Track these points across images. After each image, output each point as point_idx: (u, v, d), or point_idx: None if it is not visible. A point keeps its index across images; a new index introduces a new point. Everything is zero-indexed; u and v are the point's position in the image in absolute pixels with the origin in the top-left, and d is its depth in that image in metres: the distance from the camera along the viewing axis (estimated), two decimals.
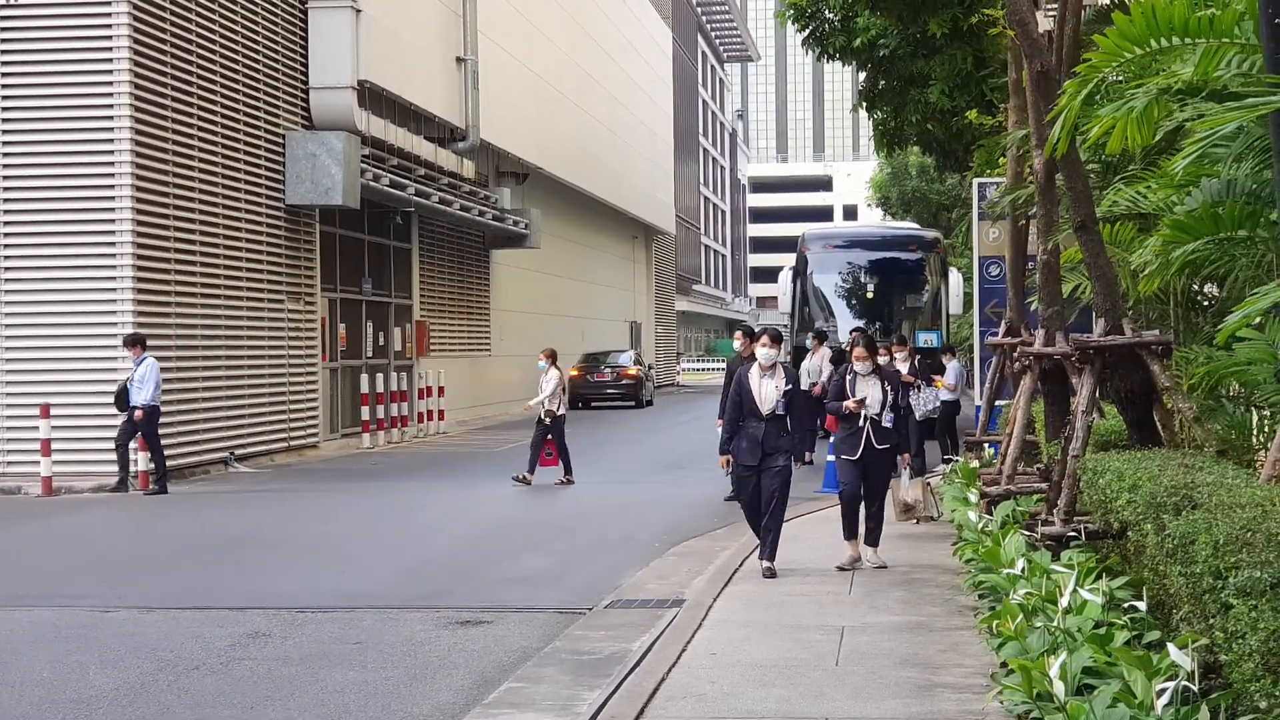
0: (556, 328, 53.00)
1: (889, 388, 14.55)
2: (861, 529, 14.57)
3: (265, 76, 29.33)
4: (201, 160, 26.61)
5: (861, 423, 14.43)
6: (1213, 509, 7.76)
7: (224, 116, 27.54)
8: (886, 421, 14.43)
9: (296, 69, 30.89)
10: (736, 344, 19.48)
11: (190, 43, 26.36)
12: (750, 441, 14.00)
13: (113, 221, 24.26)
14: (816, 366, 25.83)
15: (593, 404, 50.01)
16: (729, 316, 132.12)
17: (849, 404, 14.44)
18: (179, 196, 25.72)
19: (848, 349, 14.92)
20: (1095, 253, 11.90)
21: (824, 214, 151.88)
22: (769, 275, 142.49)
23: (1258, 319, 10.96)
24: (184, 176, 25.92)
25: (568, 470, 23.71)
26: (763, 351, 14.19)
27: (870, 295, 35.57)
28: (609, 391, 51.09)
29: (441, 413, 38.01)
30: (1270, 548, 6.70)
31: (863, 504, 14.52)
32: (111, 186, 24.28)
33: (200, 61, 26.73)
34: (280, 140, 29.91)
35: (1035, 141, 14.38)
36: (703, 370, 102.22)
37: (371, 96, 32.96)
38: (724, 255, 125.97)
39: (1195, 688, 6.81)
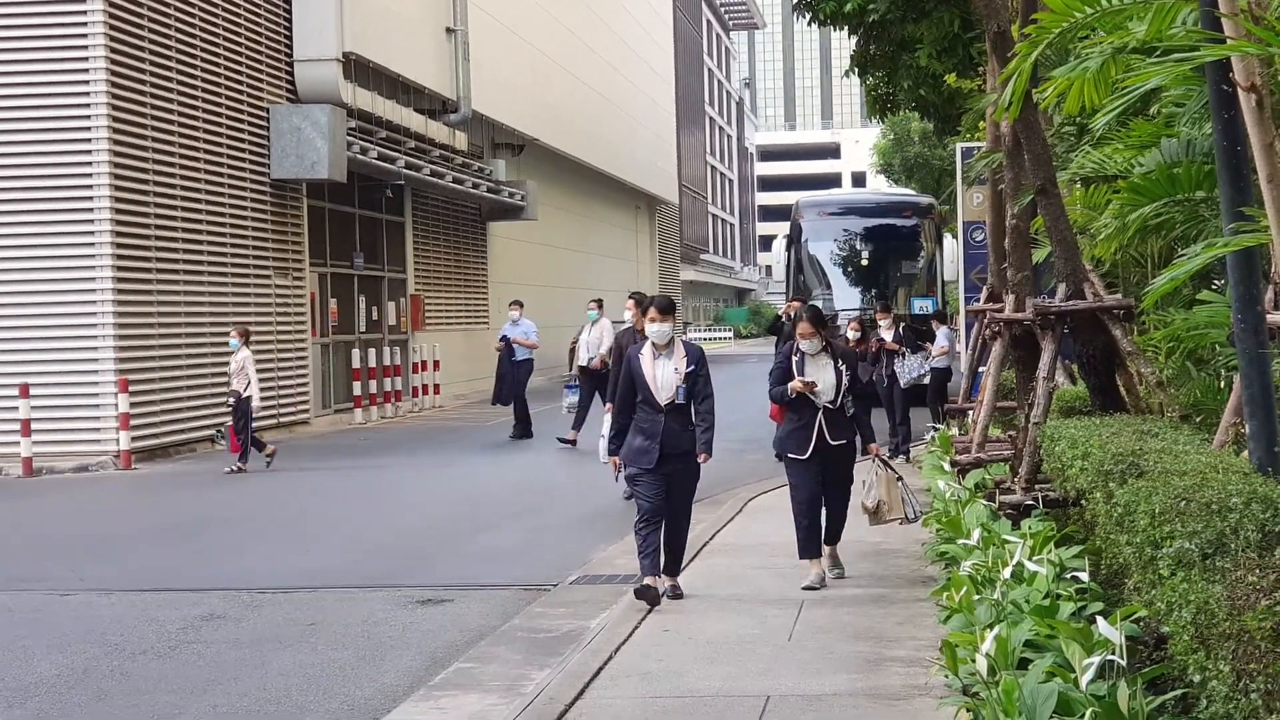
0: (557, 299, 52.77)
1: (844, 368, 11.88)
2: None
3: (248, 49, 29.10)
4: (182, 135, 26.38)
5: (814, 412, 11.80)
6: (1155, 477, 7.59)
7: (205, 90, 27.31)
8: (852, 408, 11.91)
9: (280, 41, 30.65)
10: (628, 313, 17.32)
11: (169, 15, 26.11)
12: (647, 439, 11.34)
13: (90, 199, 24.02)
14: (596, 339, 24.17)
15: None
16: (738, 286, 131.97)
17: (795, 384, 11.72)
18: (159, 173, 25.51)
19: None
20: (1056, 216, 11.69)
21: (832, 181, 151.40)
22: None
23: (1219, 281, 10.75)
24: (164, 152, 25.70)
25: (243, 457, 22.42)
26: (654, 328, 11.53)
27: (865, 262, 35.32)
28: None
29: (437, 387, 37.86)
30: (1202, 517, 6.52)
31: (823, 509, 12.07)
32: (89, 165, 24.03)
33: (179, 34, 26.48)
34: (264, 114, 29.68)
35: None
36: (710, 340, 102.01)
37: (358, 68, 32.70)
38: (732, 224, 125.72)
39: (1123, 661, 6.63)
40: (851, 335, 21.77)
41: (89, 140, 24.04)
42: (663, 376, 11.38)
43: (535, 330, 27.61)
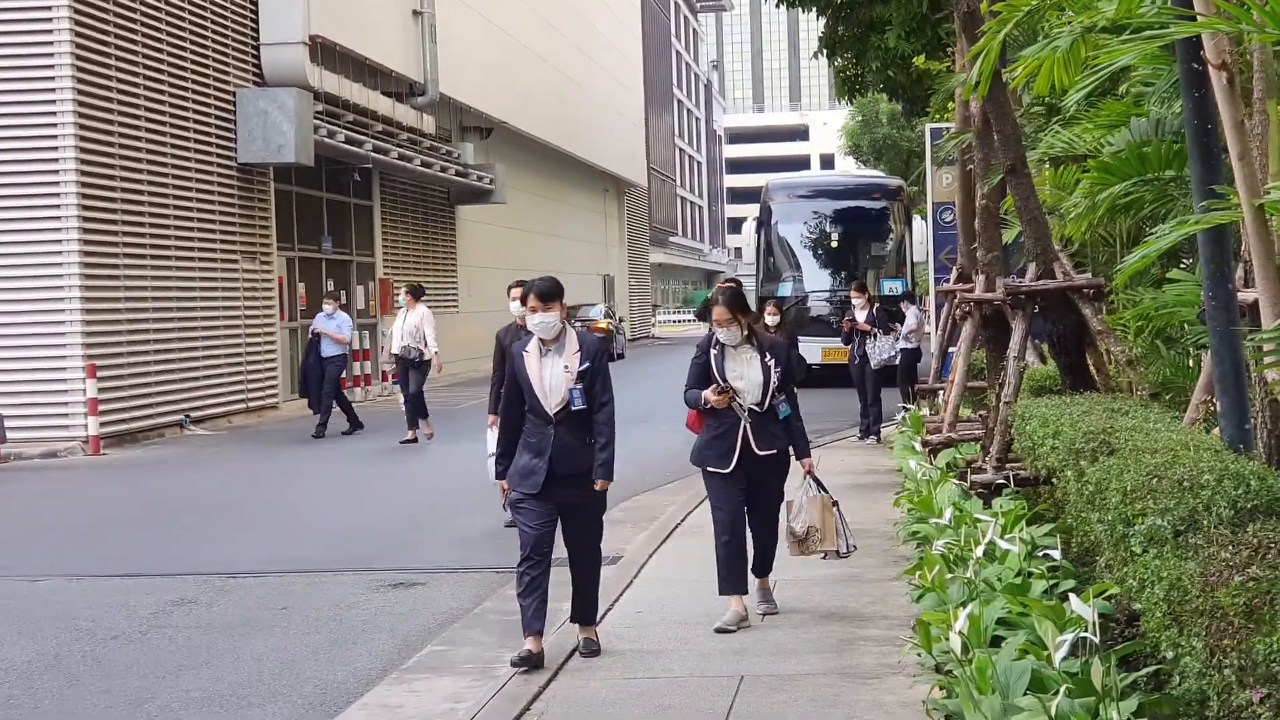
0: None
1: (773, 363, 9.87)
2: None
3: (214, 33, 28.97)
4: (149, 120, 26.25)
5: (737, 416, 9.87)
6: (1126, 455, 7.61)
7: (171, 75, 27.17)
8: (782, 410, 9.90)
9: (247, 25, 30.52)
10: (514, 305, 13.23)
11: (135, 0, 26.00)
12: (535, 456, 9.06)
13: (57, 185, 23.91)
14: (412, 326, 23.07)
15: None
16: (707, 268, 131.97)
17: (709, 394, 9.81)
18: (125, 158, 25.39)
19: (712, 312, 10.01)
20: (1026, 196, 11.73)
21: (801, 163, 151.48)
22: None
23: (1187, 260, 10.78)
24: (130, 137, 25.58)
25: None
26: (536, 320, 9.14)
27: (835, 244, 35.61)
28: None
29: None
30: (1174, 494, 6.55)
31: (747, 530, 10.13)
32: (55, 150, 23.91)
33: (145, 18, 26.34)
34: (230, 98, 29.56)
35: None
36: (679, 322, 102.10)
37: (325, 52, 32.60)
38: (701, 207, 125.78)
39: (1096, 639, 6.65)
40: (769, 320, 20.80)
41: (54, 126, 23.92)
42: (551, 377, 9.08)
43: (350, 325, 25.97)
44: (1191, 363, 11.60)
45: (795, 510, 10.20)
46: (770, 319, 19.98)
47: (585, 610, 9.47)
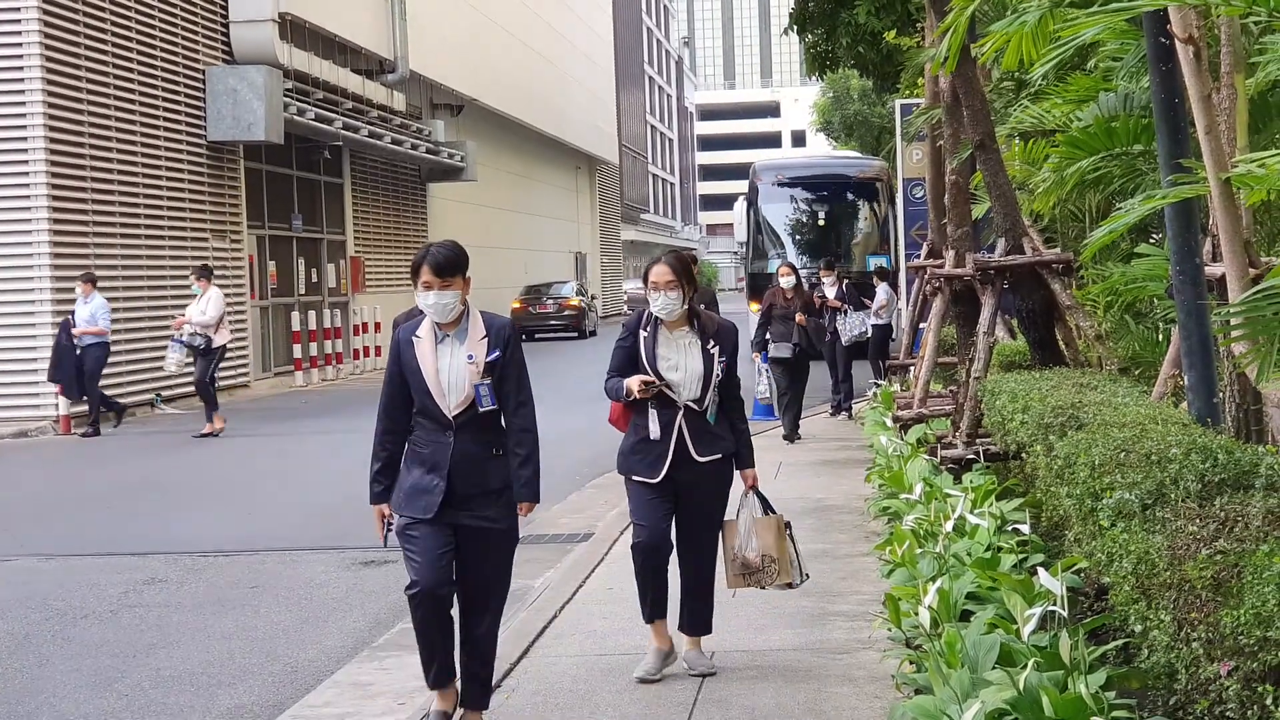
0: (498, 260, 52.68)
1: (716, 352, 7.97)
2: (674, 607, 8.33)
3: (183, 11, 28.86)
4: (118, 99, 26.15)
5: (673, 413, 7.96)
6: (1095, 429, 7.63)
7: (140, 53, 27.06)
8: (710, 412, 7.98)
9: (215, 3, 30.39)
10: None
11: None
12: (428, 471, 7.05)
13: (26, 164, 23.84)
14: (202, 312, 21.70)
15: (535, 336, 49.84)
16: (679, 245, 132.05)
17: (634, 382, 7.90)
18: (94, 137, 25.28)
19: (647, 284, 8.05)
20: (994, 172, 11.74)
21: (772, 140, 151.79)
22: (719, 203, 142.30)
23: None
24: (100, 116, 25.48)
25: None
26: (430, 300, 6.92)
27: (820, 224, 36.21)
28: (551, 323, 51.09)
29: (378, 349, 37.65)
30: (1142, 468, 6.57)
31: (676, 559, 8.21)
32: (24, 129, 23.84)
33: None
34: (200, 76, 29.44)
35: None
36: None
37: (294, 29, 32.49)
38: (672, 184, 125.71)
39: (1065, 612, 6.67)
40: (784, 283, 19.57)
41: (22, 105, 23.85)
42: (451, 371, 7.00)
43: (107, 313, 22.78)
44: (1160, 337, 11.64)
45: (743, 535, 8.16)
46: (785, 281, 19.56)
47: (478, 691, 7.30)
